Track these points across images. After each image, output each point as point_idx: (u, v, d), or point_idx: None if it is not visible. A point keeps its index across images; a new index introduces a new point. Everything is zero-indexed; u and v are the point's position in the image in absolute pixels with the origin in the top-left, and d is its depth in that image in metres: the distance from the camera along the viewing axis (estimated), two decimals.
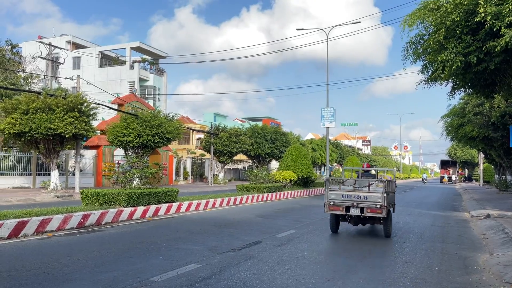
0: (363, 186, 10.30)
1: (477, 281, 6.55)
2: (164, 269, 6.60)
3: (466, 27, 11.76)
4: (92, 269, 6.56)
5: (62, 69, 38.72)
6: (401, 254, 8.42)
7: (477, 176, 62.13)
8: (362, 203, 10.08)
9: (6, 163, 25.73)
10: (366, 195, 10.10)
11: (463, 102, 29.26)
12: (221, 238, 9.65)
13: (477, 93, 15.80)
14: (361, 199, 10.11)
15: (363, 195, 10.12)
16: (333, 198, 10.42)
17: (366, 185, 10.27)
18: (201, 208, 15.99)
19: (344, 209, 10.26)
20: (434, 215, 16.47)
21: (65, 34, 53.17)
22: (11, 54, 35.35)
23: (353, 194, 10.22)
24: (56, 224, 10.14)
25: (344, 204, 10.24)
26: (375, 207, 9.92)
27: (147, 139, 24.14)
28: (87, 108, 22.43)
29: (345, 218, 10.87)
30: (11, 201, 17.15)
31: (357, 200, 10.13)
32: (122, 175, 14.47)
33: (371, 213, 10.01)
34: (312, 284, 6.04)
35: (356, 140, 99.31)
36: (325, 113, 38.68)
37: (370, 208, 9.99)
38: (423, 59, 14.47)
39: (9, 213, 9.97)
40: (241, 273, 6.50)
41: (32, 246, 8.39)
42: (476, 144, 32.57)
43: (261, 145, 41.37)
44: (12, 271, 6.33)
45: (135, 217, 12.66)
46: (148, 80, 50.16)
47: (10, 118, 20.80)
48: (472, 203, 22.40)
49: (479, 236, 11.25)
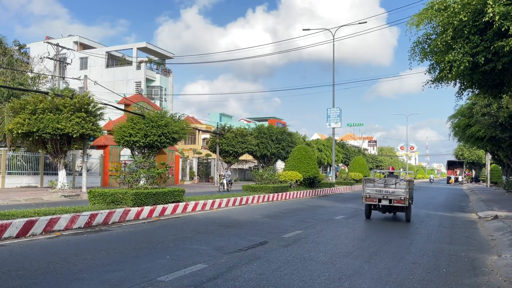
0: (391, 184, 13.71)
1: (485, 282, 6.51)
2: (171, 269, 6.63)
3: (474, 27, 11.70)
4: (100, 269, 6.60)
5: (70, 69, 39.00)
6: (408, 255, 8.38)
7: (484, 177, 61.69)
8: (390, 196, 13.52)
9: (14, 162, 25.93)
10: (393, 190, 13.51)
11: (470, 102, 29.08)
12: (227, 238, 9.67)
13: (485, 93, 15.71)
14: (390, 193, 13.55)
15: (391, 190, 13.54)
16: (368, 193, 13.82)
17: (393, 183, 13.70)
18: (207, 208, 16.02)
19: (377, 200, 13.73)
20: (441, 216, 16.39)
21: (72, 35, 53.48)
22: (19, 55, 35.63)
23: (384, 190, 13.61)
24: (64, 223, 10.21)
25: (377, 197, 13.68)
26: (400, 199, 13.37)
27: (153, 139, 24.23)
28: (94, 108, 22.55)
29: (376, 208, 14.34)
30: (19, 200, 17.29)
31: (386, 194, 13.57)
32: (129, 175, 14.53)
33: (397, 204, 13.44)
34: (319, 285, 6.03)
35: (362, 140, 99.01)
36: (331, 113, 38.65)
37: (396, 199, 13.44)
38: (430, 59, 14.42)
39: (18, 212, 10.06)
40: (248, 273, 6.50)
41: (40, 245, 8.46)
42: (483, 145, 32.36)
43: (267, 145, 41.33)
44: (21, 270, 6.39)
45: (141, 217, 12.71)
46: (154, 80, 50.33)
47: (18, 118, 20.97)
48: (479, 204, 22.25)
49: (486, 238, 11.17)
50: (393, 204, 13.50)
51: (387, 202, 13.56)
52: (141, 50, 50.74)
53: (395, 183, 13.71)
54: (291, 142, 42.92)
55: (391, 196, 13.50)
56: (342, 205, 20.11)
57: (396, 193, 13.44)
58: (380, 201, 13.65)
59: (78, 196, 20.62)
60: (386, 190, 13.58)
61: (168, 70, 53.33)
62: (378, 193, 13.65)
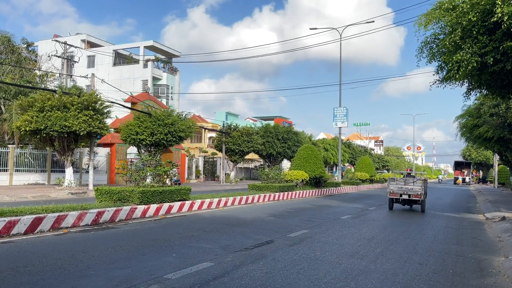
0: (409, 182, 17.24)
1: (492, 284, 6.49)
2: (178, 267, 6.66)
3: (483, 27, 11.63)
4: (107, 266, 6.65)
5: (77, 67, 39.18)
6: (414, 256, 8.36)
7: (491, 178, 61.24)
8: (409, 191, 17.08)
9: (22, 160, 26.14)
10: (412, 187, 17.08)
11: (478, 103, 28.86)
12: (233, 237, 9.69)
13: (493, 93, 15.61)
14: (409, 189, 17.11)
15: (410, 187, 17.11)
16: (392, 189, 17.47)
17: (411, 182, 17.24)
18: (213, 206, 16.06)
19: (398, 195, 17.30)
20: (447, 216, 16.32)
21: (80, 33, 53.73)
22: (27, 53, 35.86)
23: (404, 187, 17.22)
24: (71, 220, 10.28)
25: (399, 192, 17.28)
26: (417, 194, 16.94)
27: (160, 138, 24.30)
28: (101, 106, 22.67)
29: (397, 201, 17.82)
30: (26, 197, 17.44)
31: (406, 190, 17.14)
32: (135, 173, 14.58)
33: (414, 198, 17.03)
34: (325, 284, 6.04)
35: (368, 140, 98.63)
36: (337, 112, 38.53)
37: (414, 194, 16.99)
38: (438, 60, 14.34)
39: (26, 209, 10.13)
40: (254, 272, 6.52)
41: (48, 242, 8.53)
42: (491, 145, 32.11)
43: (273, 144, 41.34)
44: (29, 266, 6.45)
45: (148, 215, 12.77)
46: (161, 78, 50.46)
47: (26, 115, 21.14)
48: (486, 205, 22.11)
49: (494, 239, 11.11)
50: (411, 198, 17.08)
51: (407, 197, 17.13)
52: (148, 49, 50.88)
53: (413, 182, 17.15)
54: (297, 141, 42.91)
55: (410, 192, 17.03)
56: (348, 205, 20.07)
57: (414, 189, 16.96)
58: (401, 195, 17.24)
59: (84, 193, 20.75)
60: (406, 187, 17.14)
61: (174, 69, 53.43)
62: (400, 189, 17.24)
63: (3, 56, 32.27)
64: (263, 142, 40.45)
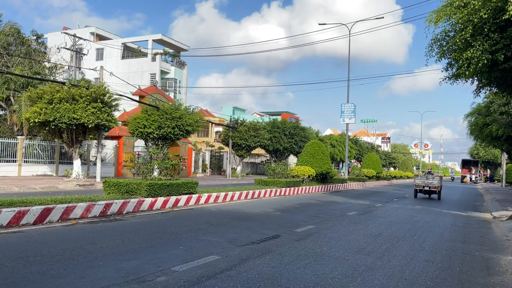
0: (429, 178, 23.77)
1: (499, 282, 6.47)
2: (185, 260, 6.71)
3: (494, 25, 11.52)
4: (115, 257, 6.72)
5: (86, 60, 39.35)
6: (421, 253, 8.35)
7: (499, 177, 60.81)
8: (429, 184, 23.51)
9: (30, 151, 26.38)
10: (431, 181, 23.55)
11: (488, 100, 28.66)
12: (240, 231, 9.73)
13: (503, 91, 15.47)
14: (429, 183, 23.54)
15: (430, 182, 23.57)
16: (417, 183, 23.98)
17: (431, 178, 23.77)
18: (219, 200, 16.12)
19: (422, 187, 23.65)
20: (454, 214, 16.25)
21: (89, 26, 53.89)
22: (37, 45, 36.03)
23: (426, 181, 23.70)
24: (80, 212, 10.38)
25: (422, 185, 23.70)
26: (435, 186, 23.38)
27: (167, 131, 24.39)
28: (109, 99, 22.76)
29: (421, 191, 24.11)
30: (35, 188, 17.61)
31: (427, 184, 23.57)
32: (143, 165, 14.66)
33: (433, 189, 23.49)
34: (332, 279, 6.06)
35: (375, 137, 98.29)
36: (345, 108, 38.39)
37: (433, 187, 23.43)
38: (448, 57, 14.23)
39: (35, 199, 10.25)
40: (260, 266, 6.55)
41: (57, 232, 8.63)
42: (500, 144, 31.91)
43: (280, 139, 41.33)
44: (39, 256, 6.53)
45: (155, 208, 12.85)
46: (169, 72, 50.54)
47: (35, 107, 21.28)
48: (494, 204, 21.99)
49: (501, 238, 11.05)
50: (431, 189, 23.56)
51: (427, 188, 23.60)
52: (156, 42, 50.95)
53: (432, 178, 23.71)
54: (304, 137, 42.86)
55: (430, 184, 23.43)
56: (355, 201, 20.05)
57: (433, 183, 23.41)
58: (424, 187, 23.65)
59: (92, 185, 20.90)
60: (427, 181, 23.65)
61: (182, 63, 53.48)
62: (423, 183, 23.72)
63: (13, 47, 32.48)
64: (270, 137, 40.44)
